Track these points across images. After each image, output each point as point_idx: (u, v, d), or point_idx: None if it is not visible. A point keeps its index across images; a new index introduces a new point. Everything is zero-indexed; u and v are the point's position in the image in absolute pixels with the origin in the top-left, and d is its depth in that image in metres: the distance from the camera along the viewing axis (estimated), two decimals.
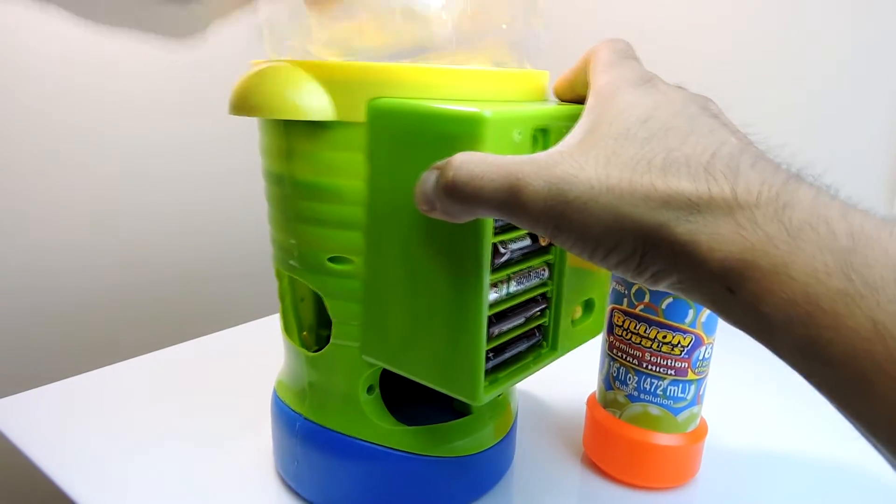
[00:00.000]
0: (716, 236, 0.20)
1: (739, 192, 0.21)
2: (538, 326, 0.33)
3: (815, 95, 0.67)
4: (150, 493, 0.39)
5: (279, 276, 0.37)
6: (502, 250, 0.29)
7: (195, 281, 0.74)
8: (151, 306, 0.70)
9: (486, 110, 0.26)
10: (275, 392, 0.39)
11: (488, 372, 0.30)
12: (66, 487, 0.39)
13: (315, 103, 0.29)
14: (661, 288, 0.23)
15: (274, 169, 0.33)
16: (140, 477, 0.40)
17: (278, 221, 0.34)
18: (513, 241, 0.30)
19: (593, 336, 0.37)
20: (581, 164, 0.22)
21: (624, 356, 0.39)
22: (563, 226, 0.22)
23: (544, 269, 0.32)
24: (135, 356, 0.56)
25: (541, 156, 0.23)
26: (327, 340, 0.34)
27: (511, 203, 0.23)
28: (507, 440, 0.40)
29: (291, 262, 0.34)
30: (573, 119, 0.30)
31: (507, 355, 0.32)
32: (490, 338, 0.30)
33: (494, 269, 0.29)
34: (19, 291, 0.57)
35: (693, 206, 0.21)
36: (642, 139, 0.23)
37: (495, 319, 0.30)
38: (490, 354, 0.30)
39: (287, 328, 0.38)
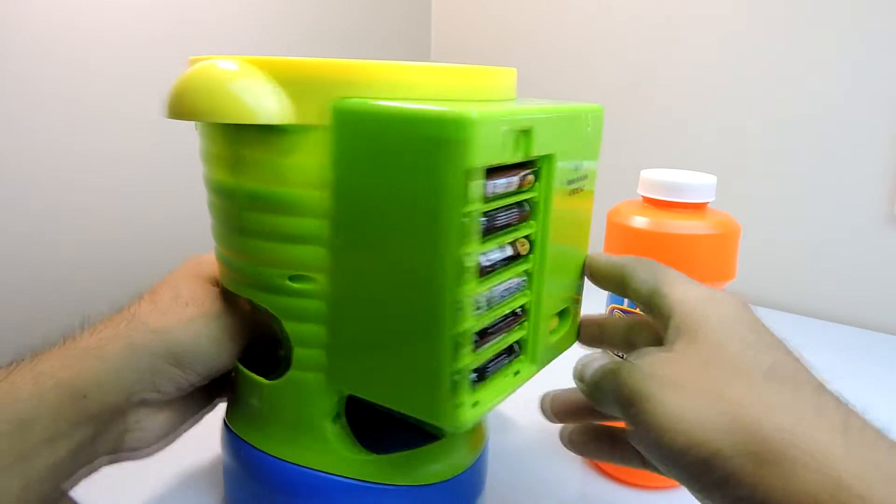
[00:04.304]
0: (822, 459, 0.19)
1: (851, 428, 0.20)
2: (517, 340, 0.30)
3: (816, 94, 0.66)
4: (150, 492, 0.38)
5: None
6: (484, 262, 0.26)
7: None
8: None
9: (472, 110, 0.23)
10: (225, 420, 0.34)
11: (471, 389, 0.27)
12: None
13: (272, 105, 0.25)
14: (722, 498, 0.21)
15: (221, 179, 0.29)
16: (140, 476, 0.38)
17: (226, 238, 0.30)
18: (493, 250, 0.27)
19: (569, 346, 0.34)
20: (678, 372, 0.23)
21: (625, 356, 0.39)
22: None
23: (524, 280, 0.29)
24: None
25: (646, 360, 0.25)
26: (280, 363, 0.30)
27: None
28: (482, 459, 0.36)
29: (244, 282, 0.30)
30: (556, 116, 0.27)
31: (489, 375, 0.28)
32: (474, 355, 0.27)
33: (474, 280, 0.25)
34: (19, 291, 0.57)
35: (796, 420, 0.20)
36: (749, 343, 0.24)
37: (478, 337, 0.27)
38: (473, 376, 0.27)
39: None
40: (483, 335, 0.27)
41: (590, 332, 0.34)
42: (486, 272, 0.26)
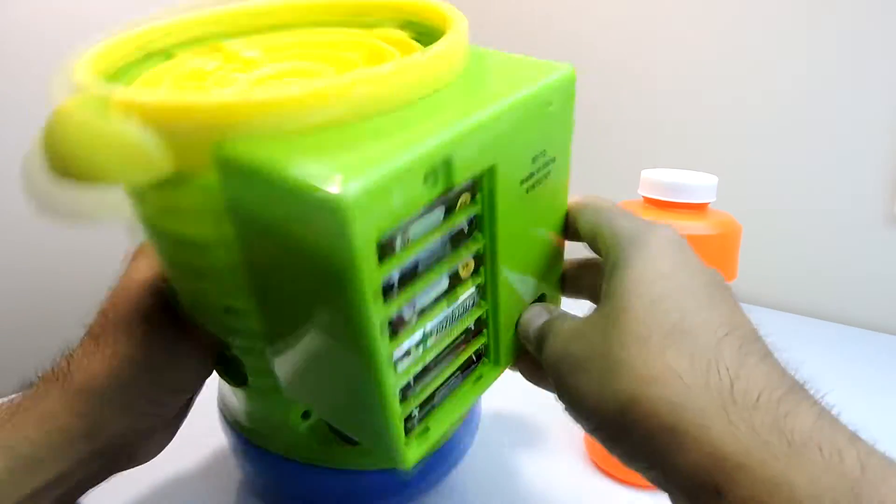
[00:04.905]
0: (705, 429, 0.19)
1: (737, 390, 0.19)
2: (477, 349, 0.28)
3: (816, 94, 0.66)
4: (150, 491, 0.39)
5: None
6: (406, 316, 0.23)
7: None
8: None
9: (351, 183, 0.17)
10: (219, 407, 0.36)
11: (416, 425, 0.26)
12: None
13: (150, 159, 0.20)
14: (636, 468, 0.22)
15: (143, 214, 0.25)
16: (140, 475, 0.40)
17: (163, 267, 0.28)
18: (420, 294, 0.23)
19: None
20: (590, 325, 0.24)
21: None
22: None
23: (474, 295, 0.27)
24: None
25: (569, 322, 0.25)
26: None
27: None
28: (463, 427, 0.36)
29: (188, 308, 0.28)
30: (496, 119, 0.22)
31: (437, 400, 0.27)
32: (412, 396, 0.25)
33: (399, 335, 0.23)
34: (19, 291, 0.57)
35: (685, 388, 0.20)
36: (656, 296, 0.22)
37: (413, 381, 0.25)
38: (416, 411, 0.25)
39: None
40: (423, 372, 0.25)
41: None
42: (419, 315, 0.24)
